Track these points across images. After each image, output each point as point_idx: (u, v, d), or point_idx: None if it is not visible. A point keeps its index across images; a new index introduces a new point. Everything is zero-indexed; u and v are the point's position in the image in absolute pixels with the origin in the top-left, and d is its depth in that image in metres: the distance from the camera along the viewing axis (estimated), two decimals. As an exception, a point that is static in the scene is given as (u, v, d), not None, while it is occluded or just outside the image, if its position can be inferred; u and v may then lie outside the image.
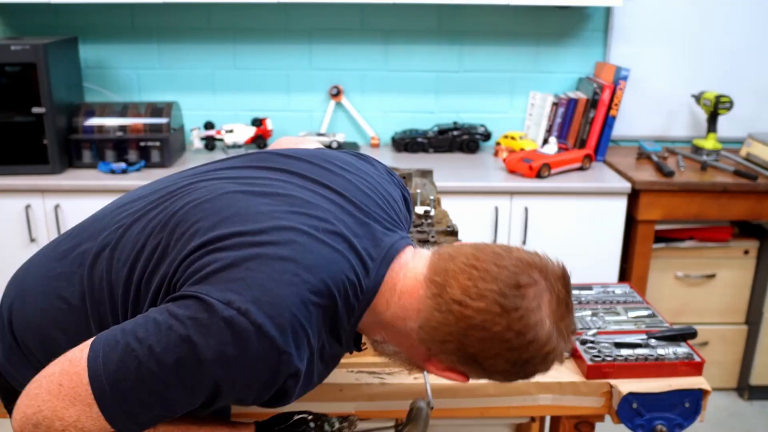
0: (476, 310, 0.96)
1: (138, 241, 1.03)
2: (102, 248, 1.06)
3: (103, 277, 1.04)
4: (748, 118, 3.21)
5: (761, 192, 2.75)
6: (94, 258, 1.06)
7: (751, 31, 3.16)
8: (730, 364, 3.06)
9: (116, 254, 1.04)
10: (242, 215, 0.99)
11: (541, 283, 0.99)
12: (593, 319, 1.71)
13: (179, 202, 1.05)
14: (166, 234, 1.02)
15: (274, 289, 0.92)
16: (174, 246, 0.99)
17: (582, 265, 2.75)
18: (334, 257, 0.98)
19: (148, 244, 1.02)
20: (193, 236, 0.98)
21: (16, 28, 3.13)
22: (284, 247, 0.96)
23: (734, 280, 2.95)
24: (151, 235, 1.03)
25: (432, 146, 3.13)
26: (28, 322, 1.09)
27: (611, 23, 3.15)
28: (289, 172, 1.12)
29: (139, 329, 0.91)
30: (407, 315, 1.02)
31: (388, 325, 1.05)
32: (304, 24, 3.15)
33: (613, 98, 2.94)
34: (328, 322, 1.00)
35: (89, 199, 2.68)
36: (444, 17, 3.15)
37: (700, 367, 1.53)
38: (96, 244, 1.07)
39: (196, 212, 1.02)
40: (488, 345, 0.97)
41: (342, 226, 1.03)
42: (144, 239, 1.03)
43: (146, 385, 0.89)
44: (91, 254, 1.07)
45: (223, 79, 3.21)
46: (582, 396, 1.51)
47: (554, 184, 2.73)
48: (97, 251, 1.06)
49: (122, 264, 1.03)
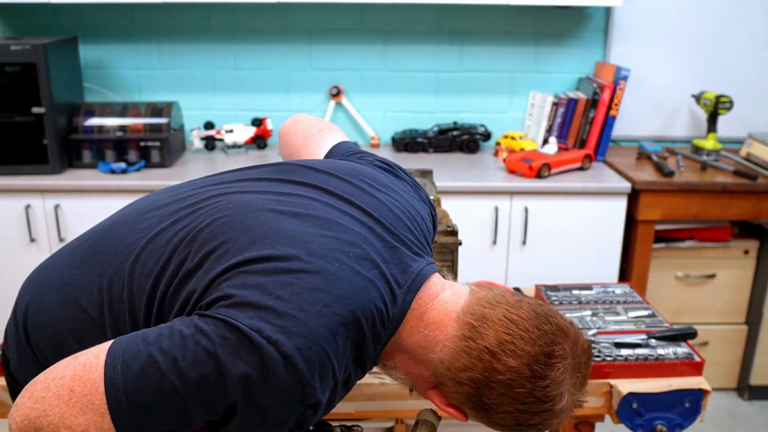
0: (507, 367, 0.96)
1: (162, 255, 1.00)
2: (123, 259, 1.03)
3: (123, 289, 1.01)
4: (748, 118, 3.21)
5: (761, 192, 2.75)
6: (115, 269, 1.03)
7: (751, 31, 3.16)
8: (730, 364, 3.06)
9: (138, 267, 1.01)
10: (272, 237, 0.97)
11: (570, 358, 0.99)
12: (593, 319, 1.71)
13: (205, 217, 1.02)
14: (192, 250, 0.99)
15: (305, 321, 0.90)
16: (201, 264, 0.97)
17: (582, 265, 2.77)
18: (364, 286, 0.97)
19: (173, 259, 0.99)
20: (222, 257, 0.96)
21: (16, 28, 3.13)
22: (315, 276, 0.93)
23: (734, 280, 2.95)
24: (176, 250, 1.00)
25: (432, 146, 3.13)
26: (43, 326, 1.06)
27: (611, 23, 3.15)
28: (318, 188, 1.08)
29: (163, 340, 0.88)
30: (430, 346, 1.01)
31: (406, 350, 1.04)
32: (304, 24, 3.15)
33: (613, 98, 2.94)
34: (355, 352, 0.98)
35: (89, 199, 2.68)
36: (444, 17, 3.15)
37: (700, 367, 1.53)
38: (116, 254, 1.04)
39: (224, 230, 0.99)
40: (505, 401, 0.97)
41: (372, 251, 1.00)
42: (168, 254, 1.00)
43: (165, 400, 0.87)
44: (111, 265, 1.03)
45: (223, 79, 3.21)
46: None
47: (554, 184, 2.72)
48: (118, 262, 1.03)
49: (145, 278, 1.00)
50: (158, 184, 2.67)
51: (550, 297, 1.84)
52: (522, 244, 2.77)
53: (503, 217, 2.74)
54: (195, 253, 0.98)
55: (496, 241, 2.76)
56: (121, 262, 1.03)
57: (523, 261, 2.79)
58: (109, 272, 1.03)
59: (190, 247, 0.99)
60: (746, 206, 2.78)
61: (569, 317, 1.71)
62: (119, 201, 2.68)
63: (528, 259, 2.78)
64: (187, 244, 1.00)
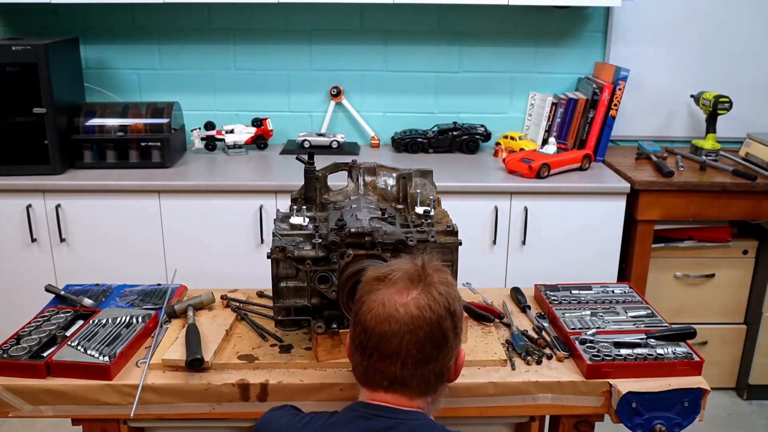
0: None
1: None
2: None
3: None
4: (747, 119, 3.21)
5: (760, 192, 2.76)
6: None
7: (751, 31, 3.17)
8: (729, 364, 3.06)
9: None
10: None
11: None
12: (593, 318, 1.72)
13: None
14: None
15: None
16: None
17: (581, 264, 2.77)
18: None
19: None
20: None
21: (17, 28, 3.14)
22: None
23: (733, 279, 2.95)
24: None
25: (432, 146, 3.14)
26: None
27: (611, 23, 3.16)
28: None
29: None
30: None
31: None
32: (304, 24, 3.15)
33: (613, 98, 2.95)
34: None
35: (90, 200, 2.69)
36: (444, 18, 3.16)
37: (699, 366, 1.53)
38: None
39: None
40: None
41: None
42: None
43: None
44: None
45: (223, 80, 3.22)
46: (581, 395, 1.51)
47: (554, 184, 2.73)
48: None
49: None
50: (158, 184, 2.68)
51: (549, 297, 1.84)
52: (521, 244, 2.77)
53: (503, 217, 2.74)
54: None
55: (496, 241, 2.77)
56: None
57: (522, 261, 2.79)
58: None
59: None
60: (745, 206, 2.78)
61: (569, 317, 1.72)
62: (120, 201, 2.70)
63: (527, 259, 2.79)
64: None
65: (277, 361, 1.55)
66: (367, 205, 1.63)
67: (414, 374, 1.17)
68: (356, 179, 1.77)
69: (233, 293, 1.87)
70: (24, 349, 1.53)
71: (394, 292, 1.18)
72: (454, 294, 1.22)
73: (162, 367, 1.52)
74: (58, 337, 1.60)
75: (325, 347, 1.55)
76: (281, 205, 2.66)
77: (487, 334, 1.67)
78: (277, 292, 1.53)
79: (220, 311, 1.79)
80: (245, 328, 1.71)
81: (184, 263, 2.74)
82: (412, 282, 1.19)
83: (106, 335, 1.60)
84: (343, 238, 1.47)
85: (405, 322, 1.15)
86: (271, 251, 1.49)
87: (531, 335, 1.69)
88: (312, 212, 1.68)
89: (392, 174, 1.77)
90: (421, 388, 1.19)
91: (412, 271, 1.20)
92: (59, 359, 1.50)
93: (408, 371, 1.17)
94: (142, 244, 2.73)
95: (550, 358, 1.59)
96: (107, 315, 1.70)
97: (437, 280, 1.20)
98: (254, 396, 1.49)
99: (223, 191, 2.69)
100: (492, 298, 1.86)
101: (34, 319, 1.69)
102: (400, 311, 1.16)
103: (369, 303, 1.18)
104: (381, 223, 1.52)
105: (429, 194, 1.73)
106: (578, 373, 1.53)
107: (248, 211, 2.71)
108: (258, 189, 2.69)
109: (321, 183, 1.75)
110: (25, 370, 1.49)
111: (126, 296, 1.87)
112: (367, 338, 1.18)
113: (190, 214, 2.71)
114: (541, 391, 1.51)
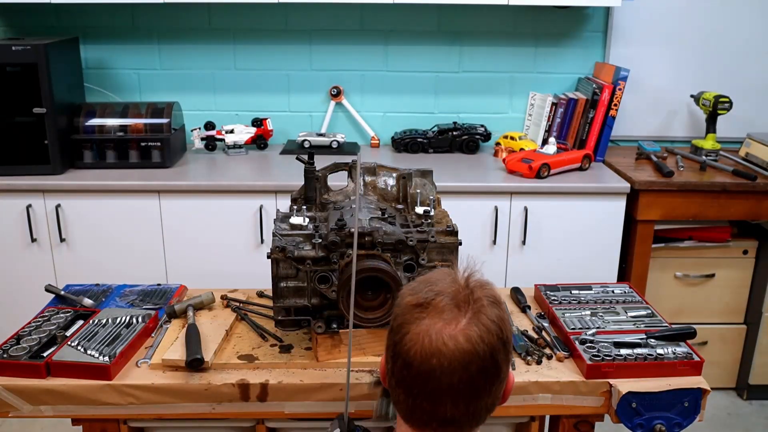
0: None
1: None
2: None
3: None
4: (747, 119, 3.22)
5: (760, 192, 2.76)
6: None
7: (750, 31, 3.17)
8: (729, 364, 3.06)
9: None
10: None
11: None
12: (593, 318, 1.72)
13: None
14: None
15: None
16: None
17: (581, 264, 2.77)
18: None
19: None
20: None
21: (17, 28, 3.14)
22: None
23: (733, 280, 2.96)
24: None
25: (432, 146, 3.14)
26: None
27: (611, 23, 3.16)
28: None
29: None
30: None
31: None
32: (304, 24, 3.15)
33: (613, 98, 2.95)
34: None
35: (90, 200, 2.69)
36: (444, 18, 3.16)
37: (700, 366, 1.53)
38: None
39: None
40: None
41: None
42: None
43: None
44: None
45: (223, 80, 3.22)
46: (581, 395, 1.51)
47: (554, 184, 2.73)
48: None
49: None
50: (158, 184, 2.68)
51: (549, 297, 1.84)
52: (522, 244, 2.77)
53: (503, 217, 2.74)
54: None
55: (496, 241, 2.77)
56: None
57: (522, 261, 2.79)
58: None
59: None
60: (745, 206, 2.78)
61: (569, 317, 1.72)
62: (120, 201, 2.70)
63: (528, 259, 2.79)
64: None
65: (277, 361, 1.55)
66: (367, 205, 1.63)
67: (466, 413, 1.04)
68: (356, 179, 1.77)
69: (233, 293, 1.87)
70: (24, 349, 1.53)
71: (440, 321, 1.02)
72: (505, 317, 1.06)
73: (162, 367, 1.52)
74: (58, 337, 1.60)
75: (325, 347, 1.55)
76: (281, 205, 2.66)
77: (487, 334, 1.67)
78: (277, 292, 1.53)
79: (220, 311, 1.79)
80: (245, 328, 1.72)
81: (184, 263, 2.74)
82: (459, 308, 1.03)
83: (106, 335, 1.60)
84: (343, 238, 1.47)
85: (455, 357, 1.00)
86: (271, 251, 1.49)
87: (531, 335, 1.69)
88: (312, 212, 1.68)
89: (392, 174, 1.77)
90: (472, 424, 1.06)
91: (456, 293, 1.05)
92: (59, 359, 1.50)
93: (459, 411, 1.03)
94: (142, 244, 2.73)
95: (550, 358, 1.59)
96: (107, 315, 1.70)
97: (486, 302, 1.04)
98: (254, 396, 1.49)
99: (223, 191, 2.69)
100: (492, 298, 1.86)
101: (34, 319, 1.69)
102: (449, 345, 1.00)
103: (412, 335, 1.03)
104: (381, 223, 1.52)
105: (429, 194, 1.73)
106: (578, 373, 1.53)
107: (248, 211, 2.71)
108: (258, 189, 2.69)
109: (321, 183, 1.75)
110: (25, 370, 1.49)
111: (126, 296, 1.87)
112: (411, 376, 1.03)
113: (190, 214, 2.71)
114: (541, 391, 1.51)
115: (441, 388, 1.01)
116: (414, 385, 1.03)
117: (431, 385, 1.02)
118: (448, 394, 1.02)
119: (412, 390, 1.04)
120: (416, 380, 1.02)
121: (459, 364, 1.00)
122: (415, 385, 1.03)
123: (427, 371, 1.01)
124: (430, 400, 1.03)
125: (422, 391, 1.03)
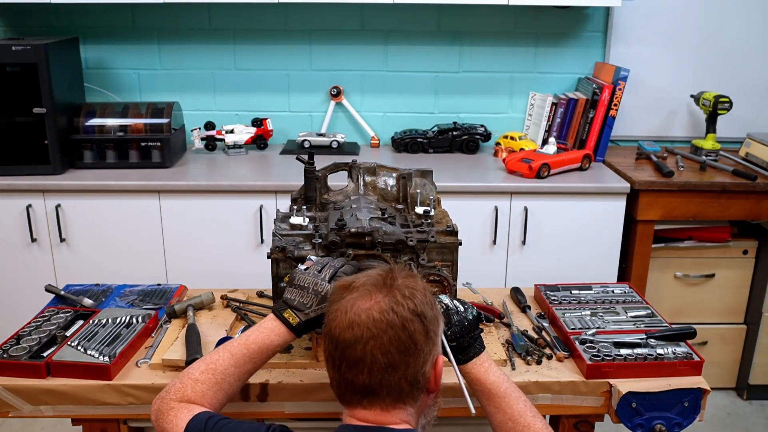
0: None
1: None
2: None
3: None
4: (747, 119, 3.22)
5: (760, 192, 2.76)
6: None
7: (751, 31, 3.17)
8: (729, 364, 3.06)
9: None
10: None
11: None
12: (593, 318, 1.72)
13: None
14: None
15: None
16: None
17: (581, 264, 2.77)
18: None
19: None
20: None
21: (17, 28, 3.14)
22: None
23: (733, 280, 2.96)
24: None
25: (432, 146, 3.14)
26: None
27: (611, 23, 3.16)
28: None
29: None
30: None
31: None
32: (304, 24, 3.15)
33: (613, 98, 2.95)
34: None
35: (90, 200, 2.69)
36: (444, 18, 3.16)
37: (700, 366, 1.53)
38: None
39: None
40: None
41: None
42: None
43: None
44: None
45: (223, 80, 3.22)
46: (581, 395, 1.51)
47: (554, 184, 2.73)
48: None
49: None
50: (158, 184, 2.68)
51: (549, 297, 1.84)
52: (522, 244, 2.77)
53: (503, 217, 2.74)
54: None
55: (496, 241, 2.77)
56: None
57: (522, 261, 2.79)
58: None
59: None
60: (745, 206, 2.78)
61: (569, 317, 1.72)
62: (120, 201, 2.70)
63: (528, 259, 2.79)
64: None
65: (277, 361, 1.54)
66: (367, 205, 1.63)
67: (381, 382, 1.11)
68: (356, 179, 1.77)
69: (233, 293, 1.87)
70: (24, 349, 1.53)
71: (359, 299, 1.13)
72: (423, 298, 1.16)
73: (162, 367, 1.52)
74: (58, 337, 1.60)
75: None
76: (281, 205, 2.66)
77: (487, 334, 1.67)
78: (277, 292, 1.53)
79: (220, 311, 1.79)
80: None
81: (184, 263, 2.74)
82: (377, 287, 1.14)
83: (106, 335, 1.60)
84: (343, 238, 1.47)
85: (367, 326, 1.10)
86: (271, 251, 1.49)
87: (531, 335, 1.69)
88: (312, 212, 1.68)
89: (392, 174, 1.77)
90: (393, 396, 1.13)
91: (378, 277, 1.17)
92: (59, 359, 1.50)
93: (375, 378, 1.11)
94: (142, 244, 2.73)
95: (550, 358, 1.60)
96: (107, 315, 1.70)
97: (404, 284, 1.15)
98: (254, 396, 1.49)
99: (223, 191, 2.69)
100: (492, 298, 1.86)
101: (34, 319, 1.69)
102: (362, 316, 1.11)
103: (333, 312, 1.15)
104: (381, 223, 1.52)
105: (429, 194, 1.73)
106: (578, 373, 1.53)
107: (248, 211, 2.71)
108: (258, 189, 2.69)
109: (321, 183, 1.75)
110: (25, 370, 1.49)
111: (126, 296, 1.87)
112: (334, 348, 1.13)
113: (190, 214, 2.71)
114: (541, 391, 1.51)
115: (357, 356, 1.11)
116: (337, 357, 1.13)
117: (349, 354, 1.11)
118: (364, 362, 1.10)
119: (336, 362, 1.13)
120: (338, 352, 1.12)
121: (370, 333, 1.10)
122: (338, 358, 1.13)
123: (345, 341, 1.11)
124: (351, 371, 1.12)
125: (343, 362, 1.12)
